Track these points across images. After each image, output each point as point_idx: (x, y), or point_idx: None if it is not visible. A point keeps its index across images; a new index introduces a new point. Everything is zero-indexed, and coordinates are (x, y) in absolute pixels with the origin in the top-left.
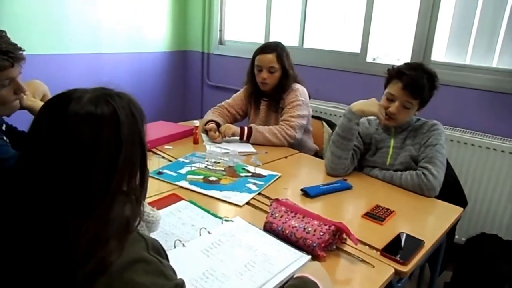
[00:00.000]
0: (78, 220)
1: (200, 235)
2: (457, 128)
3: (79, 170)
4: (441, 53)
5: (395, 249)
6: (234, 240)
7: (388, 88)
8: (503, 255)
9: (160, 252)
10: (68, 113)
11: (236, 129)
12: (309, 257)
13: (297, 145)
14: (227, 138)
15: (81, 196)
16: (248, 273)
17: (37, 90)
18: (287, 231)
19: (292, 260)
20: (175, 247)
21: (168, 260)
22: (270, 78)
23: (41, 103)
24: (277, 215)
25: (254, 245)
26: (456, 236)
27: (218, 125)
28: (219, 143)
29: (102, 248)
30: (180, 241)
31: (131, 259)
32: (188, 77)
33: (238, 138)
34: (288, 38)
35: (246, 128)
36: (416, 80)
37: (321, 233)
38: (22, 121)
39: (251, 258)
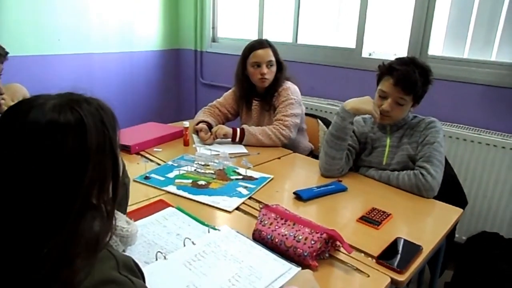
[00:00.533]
0: (41, 238)
1: (184, 245)
2: (456, 124)
3: (40, 183)
4: (438, 47)
5: (391, 256)
6: (219, 251)
7: (380, 85)
8: (505, 254)
9: (133, 270)
10: (28, 121)
11: (228, 130)
12: (299, 269)
13: (291, 145)
14: (218, 139)
15: (44, 211)
16: None
17: (16, 93)
18: (276, 240)
19: (280, 273)
20: (156, 259)
21: (143, 278)
22: (269, 73)
23: None
24: (266, 222)
25: (240, 256)
26: (457, 235)
27: (210, 125)
28: (210, 144)
29: (68, 268)
30: (162, 253)
31: (99, 280)
32: (181, 75)
33: (230, 139)
34: (281, 34)
35: (238, 130)
36: (407, 75)
37: (313, 242)
38: None
39: (236, 271)
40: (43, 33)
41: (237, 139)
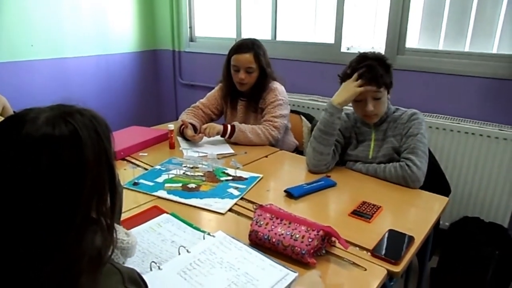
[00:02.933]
0: (44, 257)
1: (179, 253)
2: (434, 114)
3: (38, 201)
4: (414, 39)
5: (385, 248)
6: (214, 258)
7: None
8: (486, 237)
9: (138, 283)
10: (21, 136)
11: (220, 128)
12: (296, 274)
13: (277, 143)
14: (210, 138)
15: (44, 229)
16: None
17: None
18: (273, 240)
19: (278, 279)
20: (151, 270)
21: None
22: (248, 78)
23: (1, 118)
24: (262, 222)
25: (236, 263)
26: (440, 222)
27: (194, 127)
28: (198, 141)
29: (73, 286)
30: (156, 263)
31: None
32: (160, 77)
33: (217, 137)
34: (260, 32)
35: (229, 126)
36: (373, 70)
37: (310, 239)
38: None
39: (232, 279)
40: (14, 39)
41: (227, 136)
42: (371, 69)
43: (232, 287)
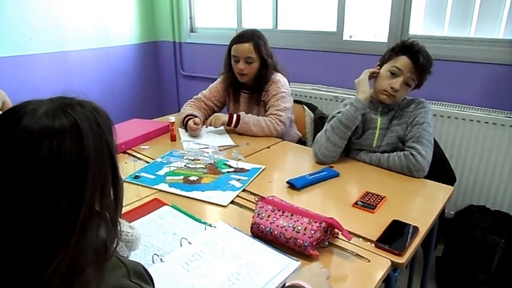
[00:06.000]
0: (49, 251)
1: (181, 245)
2: (439, 102)
3: (39, 196)
4: (418, 26)
5: (389, 239)
6: (216, 249)
7: (392, 62)
8: (492, 225)
9: (143, 276)
10: (20, 129)
11: (225, 119)
12: (299, 263)
13: (280, 135)
14: (213, 128)
15: (46, 226)
16: (232, 287)
17: None
18: (275, 232)
19: (281, 268)
20: (153, 262)
21: (153, 283)
22: (248, 69)
23: None
24: (263, 215)
25: (238, 253)
26: (445, 210)
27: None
28: (196, 136)
29: (79, 279)
30: (158, 255)
31: None
32: (161, 69)
33: (219, 128)
34: (261, 21)
35: (234, 116)
36: (427, 59)
37: (312, 231)
38: None
39: (235, 269)
40: (13, 33)
41: (233, 125)
42: (427, 57)
43: (235, 277)
